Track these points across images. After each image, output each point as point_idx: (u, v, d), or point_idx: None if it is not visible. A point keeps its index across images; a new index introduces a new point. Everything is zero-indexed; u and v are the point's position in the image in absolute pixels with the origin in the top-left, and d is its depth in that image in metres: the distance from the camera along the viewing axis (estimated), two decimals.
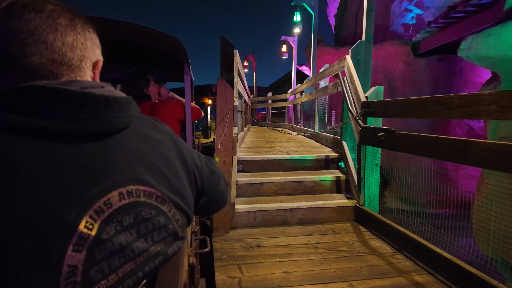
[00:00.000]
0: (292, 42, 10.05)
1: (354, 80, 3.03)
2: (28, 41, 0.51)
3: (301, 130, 6.20)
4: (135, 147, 0.56)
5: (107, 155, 0.51)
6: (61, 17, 0.55)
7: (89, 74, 0.59)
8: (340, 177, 3.12)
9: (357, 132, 2.78)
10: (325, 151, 3.72)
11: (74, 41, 0.56)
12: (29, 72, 0.51)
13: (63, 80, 0.53)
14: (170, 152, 0.64)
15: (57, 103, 0.46)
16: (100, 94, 0.50)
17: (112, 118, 0.52)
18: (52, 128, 0.46)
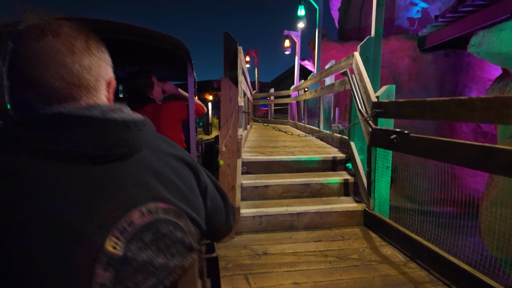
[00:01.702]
0: (295, 36, 9.87)
1: (363, 78, 2.91)
2: (48, 65, 0.52)
3: (305, 128, 6.08)
4: (151, 165, 0.58)
5: (127, 175, 0.53)
6: (77, 39, 0.56)
7: (105, 93, 0.60)
8: (348, 180, 3.01)
9: (367, 133, 2.66)
10: (331, 152, 3.61)
11: (91, 63, 0.57)
12: (49, 95, 0.53)
13: (84, 105, 0.55)
14: (183, 167, 0.66)
15: (82, 129, 0.49)
16: (121, 119, 0.54)
17: (131, 141, 0.55)
18: (78, 152, 0.48)
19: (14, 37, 0.54)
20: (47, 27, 0.54)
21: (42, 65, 0.52)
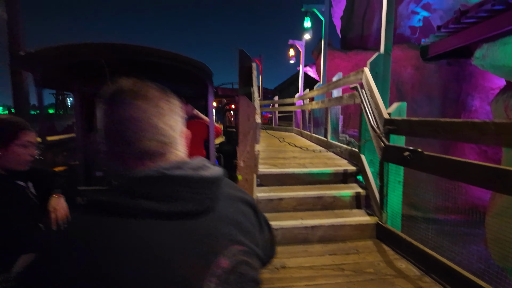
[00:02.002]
0: (300, 46, 10.00)
1: (374, 95, 3.00)
2: (141, 127, 0.59)
3: (311, 137, 6.16)
4: (228, 213, 0.63)
5: (214, 225, 0.59)
6: (161, 101, 0.63)
7: (182, 143, 0.67)
8: (359, 193, 3.08)
9: (379, 149, 2.74)
10: (341, 164, 3.69)
11: (173, 121, 0.64)
12: (141, 153, 0.60)
13: (171, 159, 0.62)
14: (247, 208, 0.71)
15: (182, 189, 0.55)
16: (211, 176, 0.60)
17: (217, 195, 0.61)
18: (178, 210, 0.54)
19: (111, 101, 0.62)
20: (138, 91, 0.62)
21: (136, 127, 0.59)
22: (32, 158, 1.57)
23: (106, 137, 0.62)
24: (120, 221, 0.50)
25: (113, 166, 0.63)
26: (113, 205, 0.52)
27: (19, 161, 1.52)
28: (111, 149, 0.62)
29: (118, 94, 0.61)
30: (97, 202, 0.53)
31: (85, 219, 0.52)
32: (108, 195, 0.54)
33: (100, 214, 0.51)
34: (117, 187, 0.56)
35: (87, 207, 0.54)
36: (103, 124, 0.62)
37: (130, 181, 0.56)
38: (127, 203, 0.52)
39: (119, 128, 0.60)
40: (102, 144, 0.64)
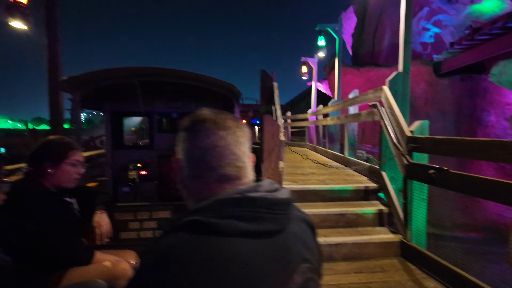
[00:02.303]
0: (312, 63, 10.16)
1: (395, 112, 3.05)
2: (223, 154, 0.67)
3: (327, 153, 6.19)
4: (296, 232, 0.68)
5: (287, 244, 0.63)
6: (237, 130, 0.70)
7: (251, 167, 0.73)
8: (382, 210, 3.09)
9: (402, 166, 2.76)
10: (362, 181, 3.70)
11: (245, 147, 0.71)
12: (223, 177, 0.67)
13: (246, 182, 0.69)
14: (308, 228, 0.76)
15: (263, 210, 0.61)
16: (285, 198, 0.66)
17: (289, 215, 0.67)
18: (261, 229, 0.59)
19: (194, 130, 0.69)
20: (218, 121, 0.69)
21: (218, 154, 0.67)
22: (79, 176, 1.66)
23: (189, 162, 0.69)
24: (215, 239, 0.56)
25: (194, 188, 0.69)
26: (208, 225, 0.57)
27: (68, 179, 1.61)
28: (195, 173, 0.69)
29: (200, 124, 0.69)
30: (193, 222, 0.58)
31: (184, 237, 0.57)
32: (200, 215, 0.59)
33: (195, 233, 0.57)
34: (205, 208, 0.60)
35: (183, 226, 0.59)
36: (187, 150, 0.69)
37: (217, 203, 0.61)
38: (220, 223, 0.57)
39: (203, 155, 0.67)
40: (184, 168, 0.70)
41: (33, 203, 1.43)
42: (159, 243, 0.59)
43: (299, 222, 0.73)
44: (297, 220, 0.72)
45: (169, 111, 3.33)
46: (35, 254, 1.40)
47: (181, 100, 3.29)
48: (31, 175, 1.56)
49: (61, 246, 1.47)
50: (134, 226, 1.97)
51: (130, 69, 2.43)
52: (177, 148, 0.74)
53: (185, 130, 0.71)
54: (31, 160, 1.58)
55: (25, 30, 3.12)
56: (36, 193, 1.48)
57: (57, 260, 1.48)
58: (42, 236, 1.41)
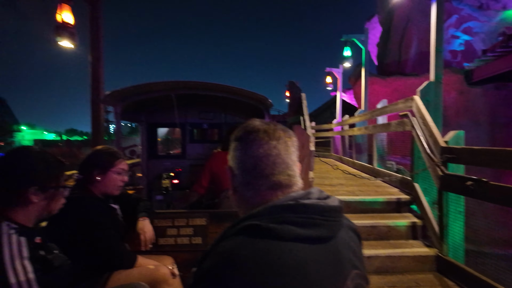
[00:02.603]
0: (337, 73, 10.13)
1: (427, 122, 2.99)
2: (276, 163, 0.70)
3: (354, 164, 6.10)
4: (346, 239, 0.70)
5: (339, 250, 0.66)
6: (287, 139, 0.73)
7: (299, 174, 0.76)
8: (415, 223, 3.00)
9: (436, 177, 2.69)
10: (393, 192, 3.62)
11: (295, 156, 0.74)
12: (275, 185, 0.70)
13: (296, 189, 0.72)
14: (355, 236, 0.77)
15: (317, 216, 0.63)
16: (336, 205, 0.68)
17: (341, 222, 0.69)
18: (315, 235, 0.62)
19: (247, 139, 0.73)
20: (270, 131, 0.73)
21: (271, 162, 0.70)
22: (123, 184, 1.77)
23: (243, 170, 0.73)
24: (273, 243, 0.59)
25: (247, 195, 0.73)
26: (267, 229, 0.60)
27: (114, 187, 1.72)
28: (248, 180, 0.72)
29: (253, 134, 0.72)
30: (252, 226, 0.61)
31: (245, 241, 0.60)
32: (257, 220, 0.62)
33: (255, 237, 0.60)
34: (261, 213, 0.64)
35: (241, 231, 0.62)
36: (240, 159, 0.73)
37: (273, 209, 0.64)
38: (277, 228, 0.60)
39: (257, 163, 0.70)
40: (237, 175, 0.74)
41: (85, 208, 1.54)
42: (220, 246, 0.62)
43: (347, 230, 0.75)
44: (346, 227, 0.74)
45: (201, 122, 3.45)
46: (85, 256, 1.50)
47: (212, 112, 3.41)
48: (81, 182, 1.68)
49: (108, 250, 1.56)
50: (172, 232, 2.05)
51: (165, 83, 2.56)
52: (229, 156, 0.79)
53: (238, 139, 0.75)
54: (81, 168, 1.71)
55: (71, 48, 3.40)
56: (88, 199, 1.60)
57: (105, 263, 1.57)
58: (92, 240, 1.51)
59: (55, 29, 3.20)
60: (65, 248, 1.23)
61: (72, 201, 1.53)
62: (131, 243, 1.79)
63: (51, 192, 1.14)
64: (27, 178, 1.08)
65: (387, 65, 12.22)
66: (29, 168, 1.09)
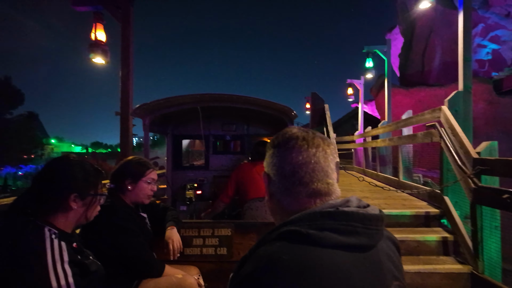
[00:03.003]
0: (359, 84, 10.04)
1: (457, 133, 2.89)
2: (315, 170, 0.70)
3: (378, 176, 5.95)
4: (386, 248, 0.69)
5: (380, 260, 0.64)
6: (326, 147, 0.73)
7: (336, 182, 0.75)
8: (446, 238, 2.87)
9: (469, 190, 2.58)
10: (421, 206, 3.49)
11: (334, 164, 0.74)
12: (314, 193, 0.69)
13: (334, 197, 0.71)
14: (394, 247, 0.76)
15: (358, 224, 0.62)
16: (377, 214, 0.66)
17: (382, 231, 0.67)
18: (355, 243, 0.61)
19: (286, 146, 0.72)
20: (308, 138, 0.72)
21: (311, 170, 0.69)
22: (152, 193, 1.81)
23: (281, 176, 0.73)
24: (314, 249, 0.58)
25: (285, 202, 0.73)
26: (307, 235, 0.59)
27: (144, 196, 1.76)
28: (286, 187, 0.72)
29: (293, 141, 0.72)
30: (292, 232, 0.61)
31: (286, 246, 0.60)
32: (297, 226, 0.62)
33: (295, 242, 0.60)
34: (301, 220, 0.63)
35: (281, 236, 0.62)
36: (278, 166, 0.73)
37: (312, 215, 0.63)
38: (317, 234, 0.60)
39: (296, 170, 0.70)
40: (274, 182, 0.74)
41: (117, 216, 1.58)
42: (259, 251, 0.62)
43: (387, 240, 0.73)
44: (385, 238, 0.73)
45: (223, 134, 3.50)
46: (115, 263, 1.53)
47: (235, 123, 3.46)
48: (113, 191, 1.73)
49: (138, 258, 1.59)
50: (198, 242, 2.07)
51: (192, 96, 2.64)
52: (265, 163, 0.79)
53: (276, 146, 0.75)
54: (114, 177, 1.77)
55: (102, 64, 3.58)
56: (120, 207, 1.65)
57: (134, 270, 1.60)
58: (122, 247, 1.55)
59: (89, 46, 3.40)
60: (97, 254, 1.27)
61: (105, 209, 1.59)
62: (158, 252, 1.82)
63: (89, 199, 1.19)
64: (67, 186, 1.13)
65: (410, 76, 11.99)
66: (69, 176, 1.14)
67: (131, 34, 3.54)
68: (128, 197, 1.72)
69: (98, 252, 1.30)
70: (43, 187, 1.12)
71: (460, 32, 3.43)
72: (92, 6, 3.63)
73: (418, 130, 4.16)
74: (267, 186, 0.78)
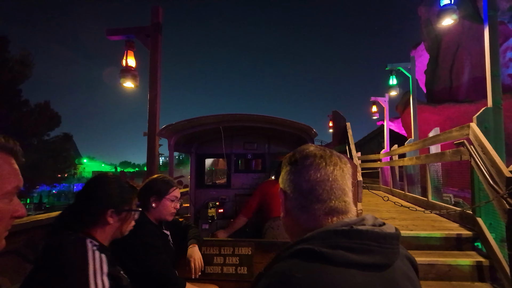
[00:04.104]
0: (383, 102, 9.87)
1: (488, 151, 2.77)
2: (333, 188, 0.70)
3: (406, 196, 5.72)
4: (403, 268, 0.68)
5: (396, 279, 0.63)
6: (343, 165, 0.74)
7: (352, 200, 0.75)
8: (481, 262, 2.69)
9: (503, 211, 2.43)
10: (452, 227, 3.31)
11: (350, 182, 0.74)
12: (331, 210, 0.70)
13: (351, 216, 0.71)
14: (411, 266, 0.73)
15: (372, 242, 0.61)
16: (394, 233, 0.65)
17: (397, 250, 0.66)
18: (370, 262, 0.60)
19: (304, 164, 0.73)
20: (323, 155, 0.73)
21: (329, 188, 0.70)
22: (175, 210, 1.87)
23: (298, 193, 0.73)
24: (326, 267, 0.58)
25: (301, 219, 0.73)
26: (319, 254, 0.59)
27: (167, 213, 1.82)
28: (303, 204, 0.72)
29: (310, 158, 0.73)
30: (305, 250, 0.61)
31: (299, 264, 0.60)
32: (310, 244, 0.62)
33: (308, 260, 0.60)
34: (314, 238, 0.63)
35: (295, 254, 0.62)
36: (295, 183, 0.74)
37: (325, 233, 0.63)
38: (330, 253, 0.59)
39: (313, 188, 0.71)
40: (291, 199, 0.75)
41: (142, 232, 1.64)
42: (274, 268, 0.63)
43: (404, 259, 0.72)
44: (403, 257, 0.71)
45: (245, 152, 3.56)
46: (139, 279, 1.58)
47: (256, 142, 3.51)
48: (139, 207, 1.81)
49: (161, 274, 1.63)
50: (219, 260, 2.08)
51: (215, 116, 2.74)
52: (281, 179, 0.79)
53: (294, 164, 0.76)
54: (139, 195, 1.85)
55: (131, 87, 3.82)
56: (144, 224, 1.71)
57: (156, 286, 1.64)
58: (146, 263, 1.60)
59: (120, 72, 3.65)
60: (125, 268, 1.32)
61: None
62: (180, 269, 1.85)
63: (124, 214, 1.27)
64: (105, 202, 1.22)
65: (437, 92, 11.65)
66: (106, 193, 1.24)
67: (159, 60, 3.77)
68: (152, 214, 1.79)
69: (123, 267, 1.35)
70: (83, 203, 1.22)
71: (486, 47, 3.35)
72: (125, 35, 3.93)
73: (447, 148, 4.01)
74: (283, 203, 0.79)
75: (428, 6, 12.03)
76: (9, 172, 0.71)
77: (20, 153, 0.75)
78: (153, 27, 3.90)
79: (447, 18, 3.86)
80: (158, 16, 3.92)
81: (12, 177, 0.71)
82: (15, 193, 0.73)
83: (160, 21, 3.90)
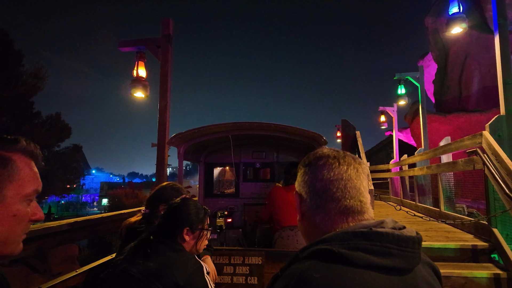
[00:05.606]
0: (391, 112, 9.80)
1: (502, 160, 2.71)
2: (347, 187, 0.69)
3: (417, 207, 5.60)
4: (424, 274, 0.66)
5: (418, 285, 0.61)
6: (357, 165, 0.73)
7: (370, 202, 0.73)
8: (499, 275, 2.59)
9: None
10: (467, 238, 3.22)
11: (366, 183, 0.73)
12: (346, 209, 0.68)
13: (367, 217, 0.69)
14: (433, 273, 0.71)
15: (392, 245, 0.60)
16: (414, 236, 0.63)
17: (419, 255, 0.64)
18: (389, 264, 0.58)
19: (318, 164, 0.73)
20: (336, 156, 0.73)
21: (343, 186, 0.69)
22: None
23: (312, 193, 0.73)
24: (346, 269, 0.57)
25: (317, 220, 0.72)
26: (338, 255, 0.58)
27: None
28: (318, 204, 0.71)
29: (323, 158, 0.73)
30: (323, 251, 0.60)
31: (317, 264, 0.59)
32: (328, 245, 0.61)
33: (326, 261, 0.59)
34: (333, 239, 0.62)
35: (313, 255, 0.61)
36: (309, 183, 0.73)
37: (344, 235, 0.62)
38: (349, 254, 0.58)
39: (327, 187, 0.70)
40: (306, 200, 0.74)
41: None
42: (291, 269, 0.62)
43: (425, 265, 0.70)
44: (424, 263, 0.69)
45: (253, 161, 3.55)
46: None
47: (264, 151, 3.51)
48: (148, 216, 1.80)
49: None
50: (229, 270, 2.05)
51: (224, 125, 2.75)
52: (297, 182, 0.79)
53: (307, 165, 0.76)
54: (149, 202, 1.84)
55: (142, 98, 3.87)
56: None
57: None
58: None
59: (131, 82, 3.72)
60: None
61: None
62: None
63: (198, 232, 1.45)
64: (183, 221, 1.42)
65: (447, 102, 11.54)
66: (185, 213, 1.44)
67: (169, 70, 3.83)
68: None
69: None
70: (168, 220, 1.44)
71: (497, 55, 3.32)
72: (136, 46, 4.02)
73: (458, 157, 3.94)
74: (299, 206, 0.78)
75: (435, 17, 12.03)
76: (29, 175, 0.71)
77: (40, 157, 0.76)
78: (163, 38, 3.99)
79: (456, 26, 3.85)
80: (168, 27, 4.01)
81: (32, 180, 0.72)
82: (34, 196, 0.73)
83: (170, 32, 3.99)
